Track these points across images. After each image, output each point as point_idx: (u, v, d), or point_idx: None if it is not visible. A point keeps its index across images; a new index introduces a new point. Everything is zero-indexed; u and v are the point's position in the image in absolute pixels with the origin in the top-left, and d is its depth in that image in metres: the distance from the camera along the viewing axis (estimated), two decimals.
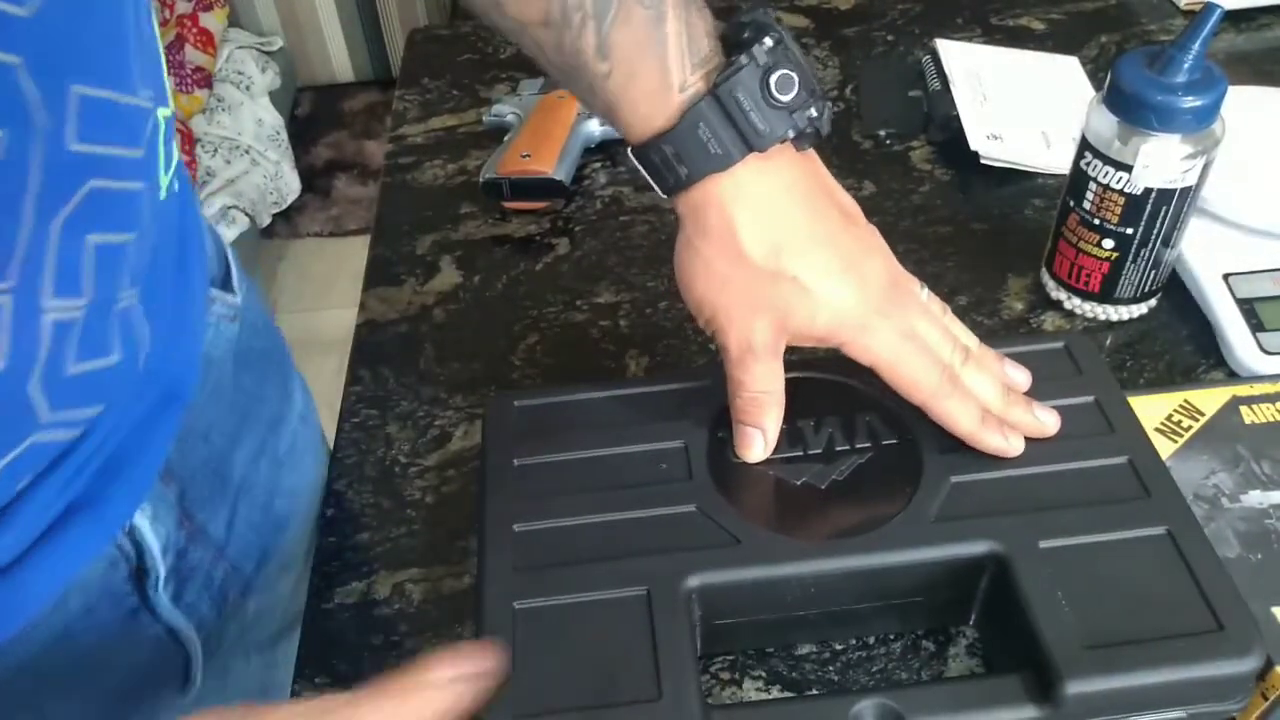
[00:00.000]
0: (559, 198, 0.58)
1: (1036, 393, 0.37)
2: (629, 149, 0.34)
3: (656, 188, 0.34)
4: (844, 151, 0.60)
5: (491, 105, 0.63)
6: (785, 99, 0.32)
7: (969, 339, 0.37)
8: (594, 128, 0.61)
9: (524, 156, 0.57)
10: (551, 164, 0.57)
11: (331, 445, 0.47)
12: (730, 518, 0.34)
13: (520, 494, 0.35)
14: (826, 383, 0.39)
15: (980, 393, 0.35)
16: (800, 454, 0.36)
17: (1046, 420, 0.36)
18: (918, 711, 0.30)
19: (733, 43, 0.33)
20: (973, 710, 0.31)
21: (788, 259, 0.33)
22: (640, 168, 0.34)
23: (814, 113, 0.33)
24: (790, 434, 0.37)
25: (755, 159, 0.32)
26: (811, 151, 0.35)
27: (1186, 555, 0.32)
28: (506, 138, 0.60)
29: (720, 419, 0.37)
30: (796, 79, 0.32)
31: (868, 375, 0.36)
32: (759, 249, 0.33)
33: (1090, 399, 0.37)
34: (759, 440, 0.35)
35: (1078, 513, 0.34)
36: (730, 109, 0.32)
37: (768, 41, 0.32)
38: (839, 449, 0.36)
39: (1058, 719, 0.30)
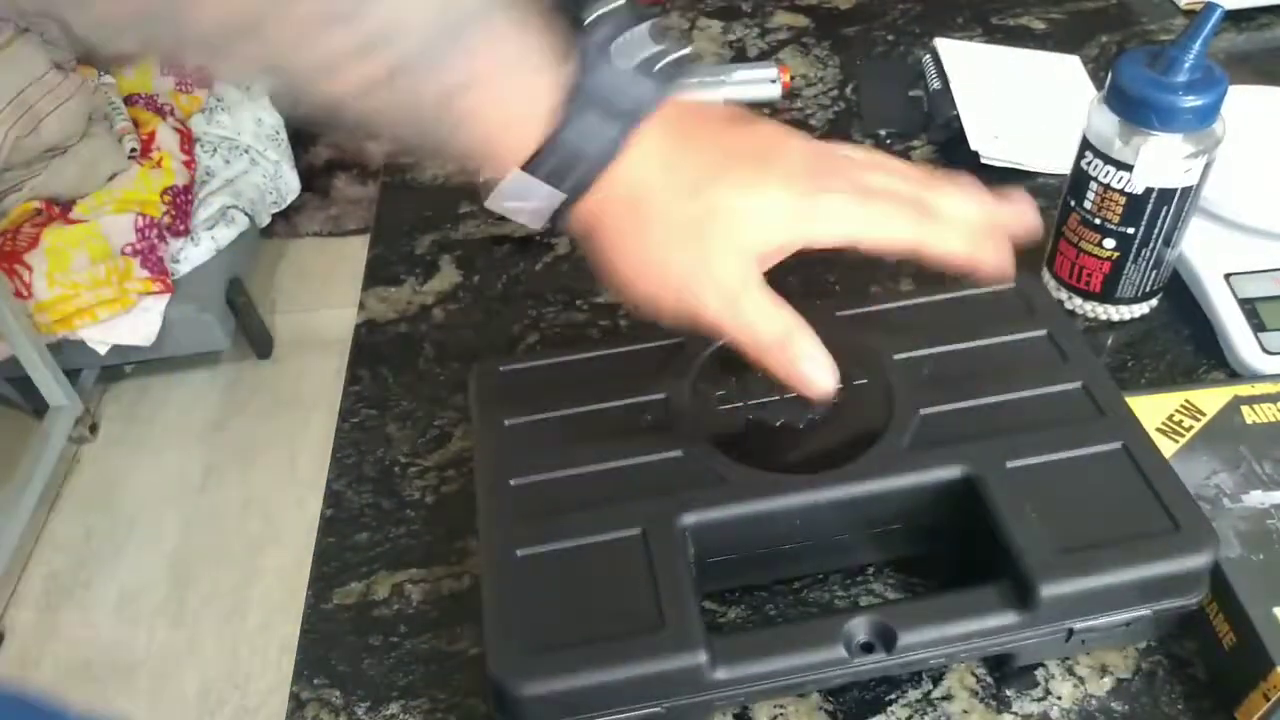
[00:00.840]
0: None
1: (997, 331, 0.40)
2: (495, 188, 0.31)
3: (545, 216, 0.31)
4: None
5: None
6: (646, 55, 0.30)
7: (914, 169, 0.35)
8: None
9: None
10: (688, 55, 0.57)
11: (331, 445, 0.47)
12: (715, 460, 0.36)
13: (512, 451, 0.37)
14: None
15: (957, 211, 0.33)
16: (777, 397, 0.38)
17: (1023, 205, 0.34)
18: (906, 625, 0.33)
19: (566, 22, 0.30)
20: (958, 620, 0.33)
21: (709, 192, 0.31)
22: (513, 202, 0.31)
23: (674, 54, 0.31)
24: (765, 380, 0.38)
25: (644, 127, 0.30)
26: None
27: (1141, 465, 0.35)
28: None
29: (700, 372, 0.39)
30: (647, 32, 0.30)
31: (841, 318, 0.40)
32: (679, 202, 0.31)
33: (1044, 333, 0.40)
34: (814, 366, 0.32)
35: (1040, 434, 0.36)
36: (602, 95, 0.29)
37: (602, 7, 0.30)
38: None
39: (1035, 621, 0.33)
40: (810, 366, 0.32)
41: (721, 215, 0.31)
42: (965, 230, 0.33)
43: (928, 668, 0.36)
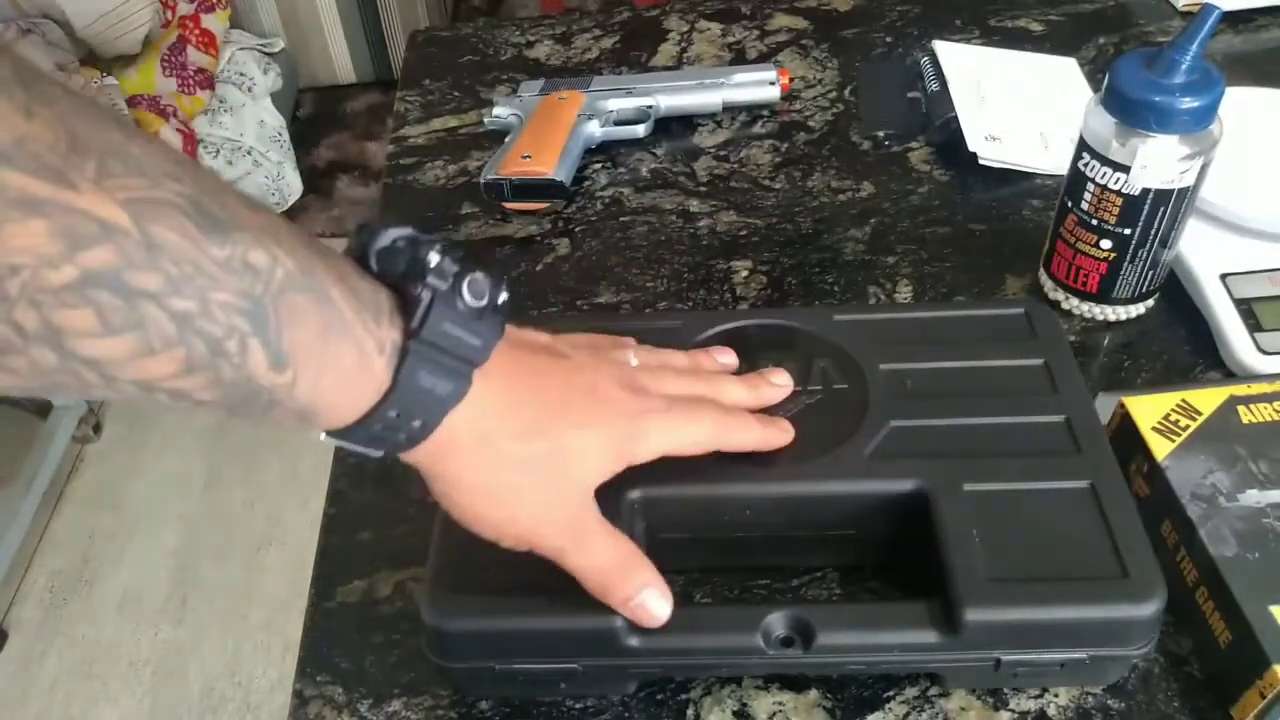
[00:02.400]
0: (560, 198, 0.58)
1: (992, 354, 0.40)
2: (326, 434, 0.29)
3: (374, 453, 0.30)
4: (843, 153, 0.60)
5: (492, 106, 0.64)
6: (483, 301, 0.29)
7: (683, 360, 0.38)
8: (594, 129, 0.61)
9: (525, 157, 0.58)
10: (552, 165, 0.57)
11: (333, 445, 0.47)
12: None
13: None
14: (788, 329, 0.41)
15: (738, 399, 0.37)
16: None
17: (777, 380, 0.38)
18: (827, 625, 0.33)
19: (388, 273, 0.29)
20: (878, 630, 0.33)
21: (550, 432, 0.32)
22: (353, 446, 0.29)
23: (504, 292, 0.30)
24: (747, 373, 0.39)
25: (480, 370, 0.30)
26: None
27: (1105, 508, 0.34)
28: (507, 139, 0.60)
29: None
30: (480, 275, 0.29)
31: (838, 321, 0.40)
32: (522, 443, 0.31)
33: (1040, 362, 0.39)
34: (655, 598, 0.33)
35: (1007, 462, 0.36)
36: (443, 343, 0.29)
37: (433, 257, 0.28)
38: (793, 389, 0.39)
39: (958, 645, 0.33)
40: (650, 596, 0.33)
41: (562, 453, 0.32)
42: (753, 421, 0.37)
43: (847, 672, 0.36)
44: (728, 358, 0.40)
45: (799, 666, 0.34)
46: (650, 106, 0.62)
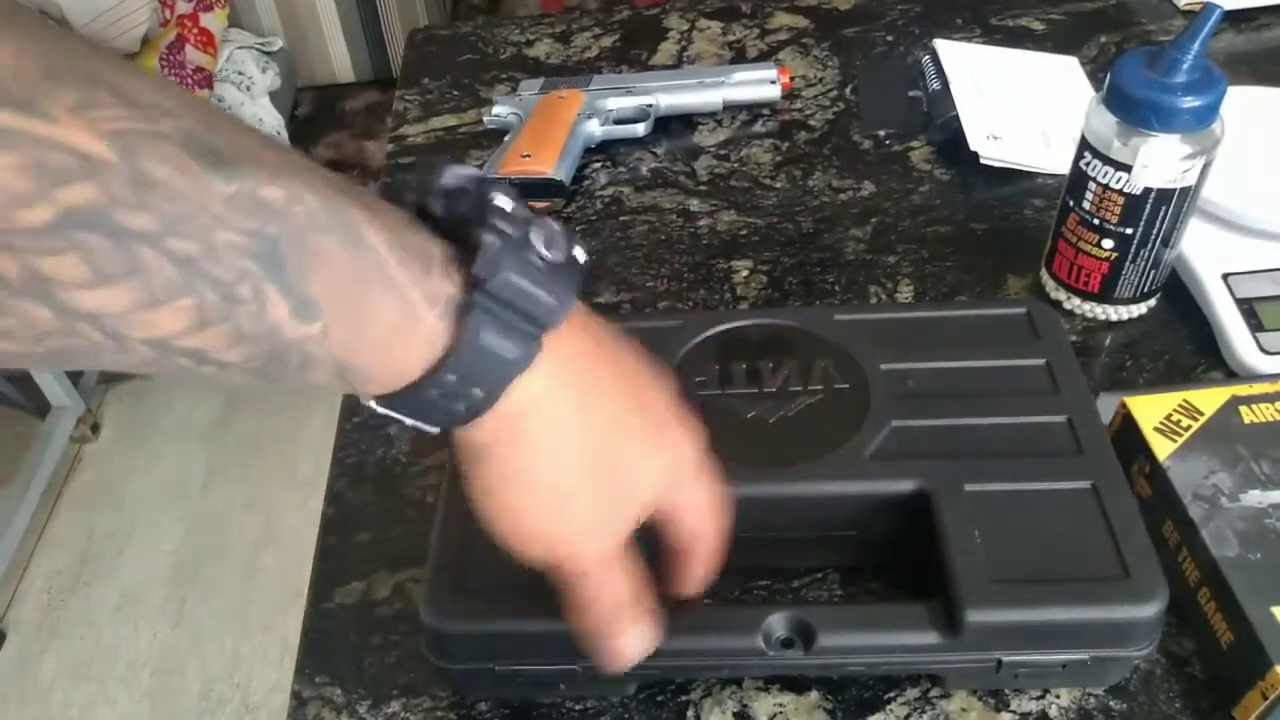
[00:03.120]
0: (559, 198, 0.58)
1: (994, 354, 0.40)
2: (377, 402, 0.26)
3: (432, 428, 0.26)
4: (844, 151, 0.60)
5: (492, 105, 0.64)
6: (560, 255, 0.25)
7: None
8: (594, 128, 0.61)
9: (524, 157, 0.57)
10: (552, 164, 0.57)
11: (332, 445, 0.47)
12: None
13: None
14: (788, 329, 0.41)
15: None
16: (755, 391, 0.39)
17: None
18: (828, 627, 0.33)
19: (449, 217, 0.26)
20: (880, 631, 0.33)
21: (620, 445, 0.28)
22: (404, 417, 0.26)
23: (581, 252, 0.26)
24: (748, 373, 0.39)
25: (551, 336, 0.26)
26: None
27: (1107, 509, 0.34)
28: (507, 138, 0.60)
29: (686, 355, 0.40)
30: (555, 225, 0.26)
31: (839, 321, 0.40)
32: (597, 444, 0.27)
33: (1042, 362, 0.39)
34: (636, 635, 0.30)
35: (1008, 462, 0.36)
36: (509, 297, 0.25)
37: (504, 200, 0.25)
38: (793, 389, 0.39)
39: (960, 646, 0.33)
40: (633, 634, 0.30)
41: (625, 468, 0.28)
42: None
43: (848, 673, 0.36)
44: None
45: (799, 668, 0.34)
46: (650, 105, 0.62)
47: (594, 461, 0.28)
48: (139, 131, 0.20)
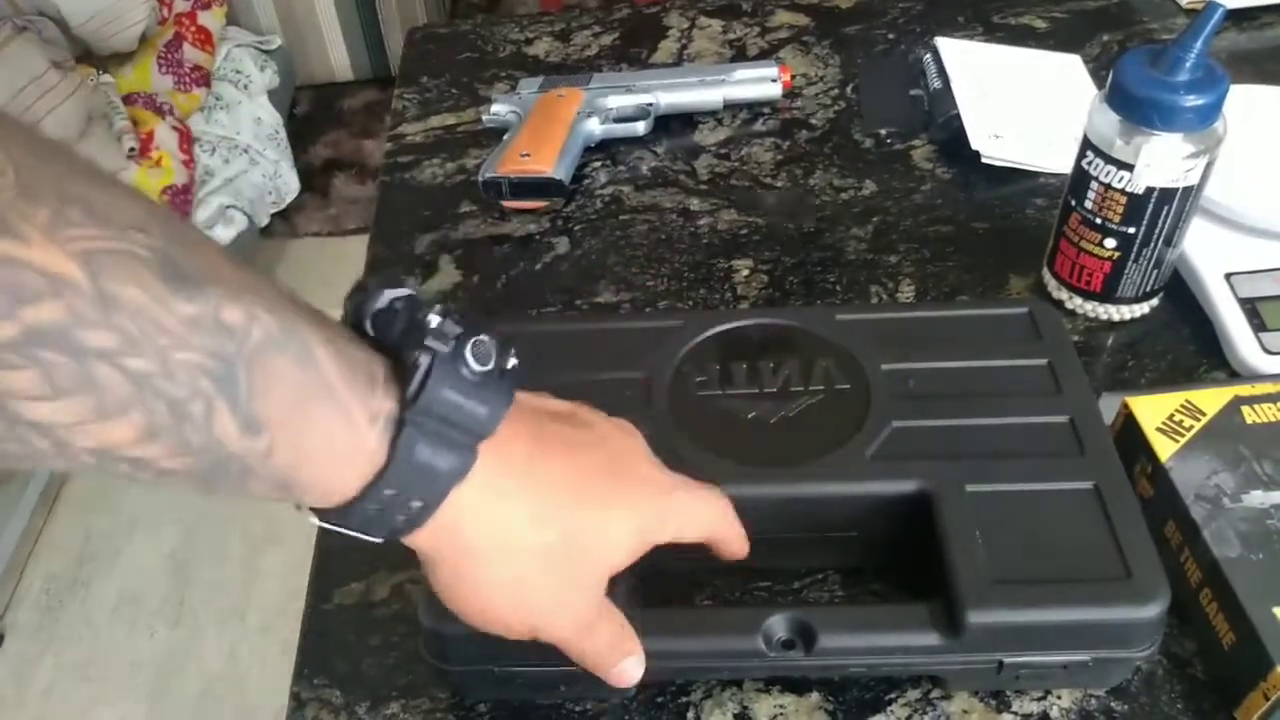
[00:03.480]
0: (559, 197, 0.58)
1: (996, 354, 0.39)
2: (323, 522, 0.27)
3: (372, 538, 0.27)
4: (845, 151, 0.60)
5: (491, 104, 0.63)
6: (489, 366, 0.26)
7: None
8: (594, 127, 0.61)
9: (523, 156, 0.57)
10: (551, 163, 0.57)
11: None
12: (680, 442, 0.36)
13: None
14: (790, 329, 0.41)
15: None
16: (756, 391, 0.39)
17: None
18: (828, 628, 0.33)
19: (384, 337, 0.27)
20: (881, 632, 0.33)
21: (565, 520, 0.29)
22: (348, 531, 0.27)
23: (513, 358, 0.27)
24: (749, 373, 0.39)
25: (487, 443, 0.27)
26: None
27: (1109, 509, 0.34)
28: (506, 137, 0.60)
29: (686, 356, 0.40)
30: (486, 337, 0.27)
31: (840, 321, 0.40)
32: (533, 532, 0.29)
33: (1044, 362, 0.39)
34: (634, 665, 0.32)
35: (1010, 463, 0.36)
36: (443, 412, 0.26)
37: (433, 318, 0.26)
38: (794, 389, 0.39)
39: (961, 647, 0.32)
40: (630, 664, 0.32)
41: (580, 538, 0.29)
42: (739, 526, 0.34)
43: (849, 674, 0.35)
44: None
45: (800, 669, 0.34)
46: (650, 104, 0.62)
47: (545, 546, 0.29)
48: (106, 250, 0.21)
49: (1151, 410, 0.39)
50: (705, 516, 0.33)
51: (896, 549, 0.37)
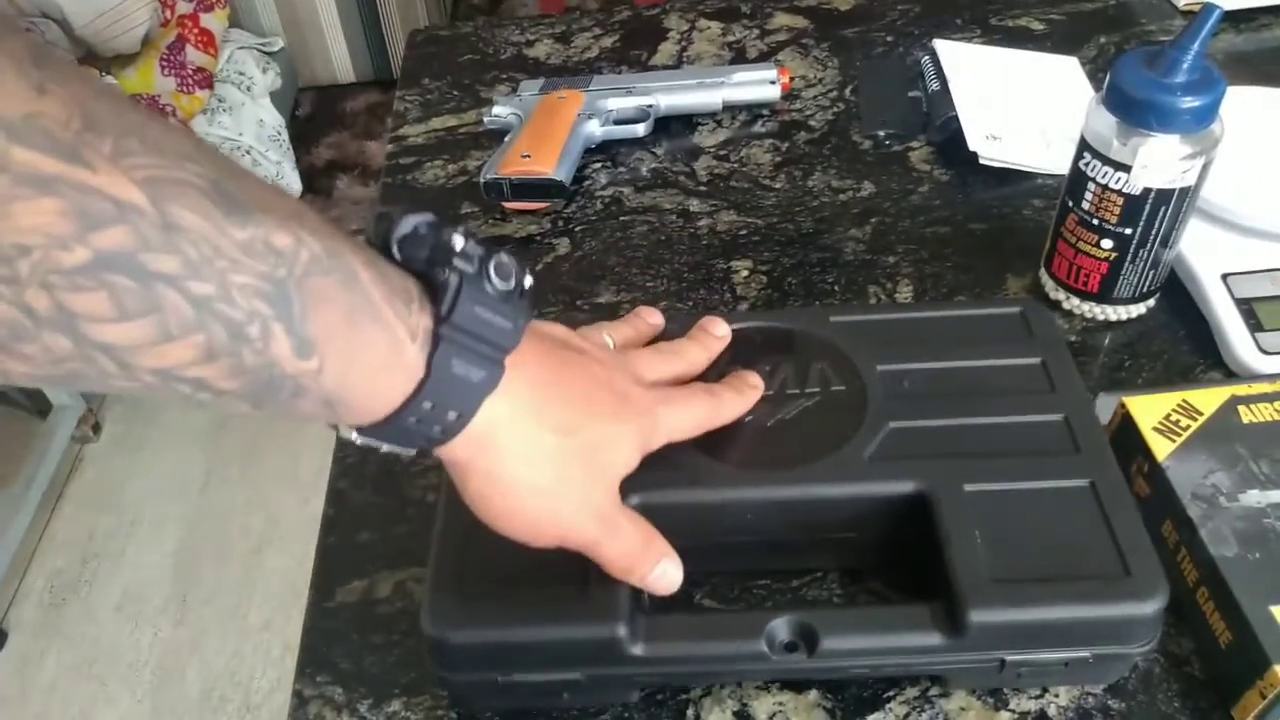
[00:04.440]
0: (559, 198, 0.58)
1: (989, 353, 0.40)
2: (358, 432, 0.28)
3: (408, 451, 0.29)
4: (843, 152, 0.60)
5: (492, 105, 0.64)
6: (511, 284, 0.29)
7: (625, 328, 0.40)
8: (594, 128, 0.61)
9: (524, 157, 0.58)
10: (552, 164, 0.57)
11: (333, 444, 0.47)
12: (676, 446, 0.36)
13: None
14: (785, 331, 0.41)
15: (701, 363, 0.39)
16: None
17: (718, 332, 0.40)
18: (831, 630, 0.33)
19: (412, 259, 0.28)
20: (883, 633, 0.33)
21: (582, 430, 0.32)
22: (386, 445, 0.29)
23: (529, 276, 0.30)
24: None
25: (510, 357, 0.29)
26: None
27: (1105, 506, 0.34)
28: (507, 138, 0.60)
29: None
30: (505, 257, 0.29)
31: (835, 323, 0.41)
32: (563, 437, 0.31)
33: (1037, 360, 0.39)
34: (672, 569, 0.34)
35: (1006, 461, 0.36)
36: (473, 327, 0.28)
37: (458, 240, 0.28)
38: (789, 392, 0.39)
39: (964, 647, 0.33)
40: (667, 567, 0.34)
41: (596, 447, 0.32)
42: (730, 391, 0.38)
43: (851, 676, 0.36)
44: (656, 318, 0.41)
45: (803, 672, 0.34)
46: (650, 106, 0.62)
47: (566, 455, 0.31)
48: (168, 179, 0.22)
49: (1148, 410, 0.39)
50: (691, 420, 0.36)
51: (895, 549, 0.37)
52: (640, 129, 0.61)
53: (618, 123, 0.62)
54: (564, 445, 0.31)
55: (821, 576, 0.39)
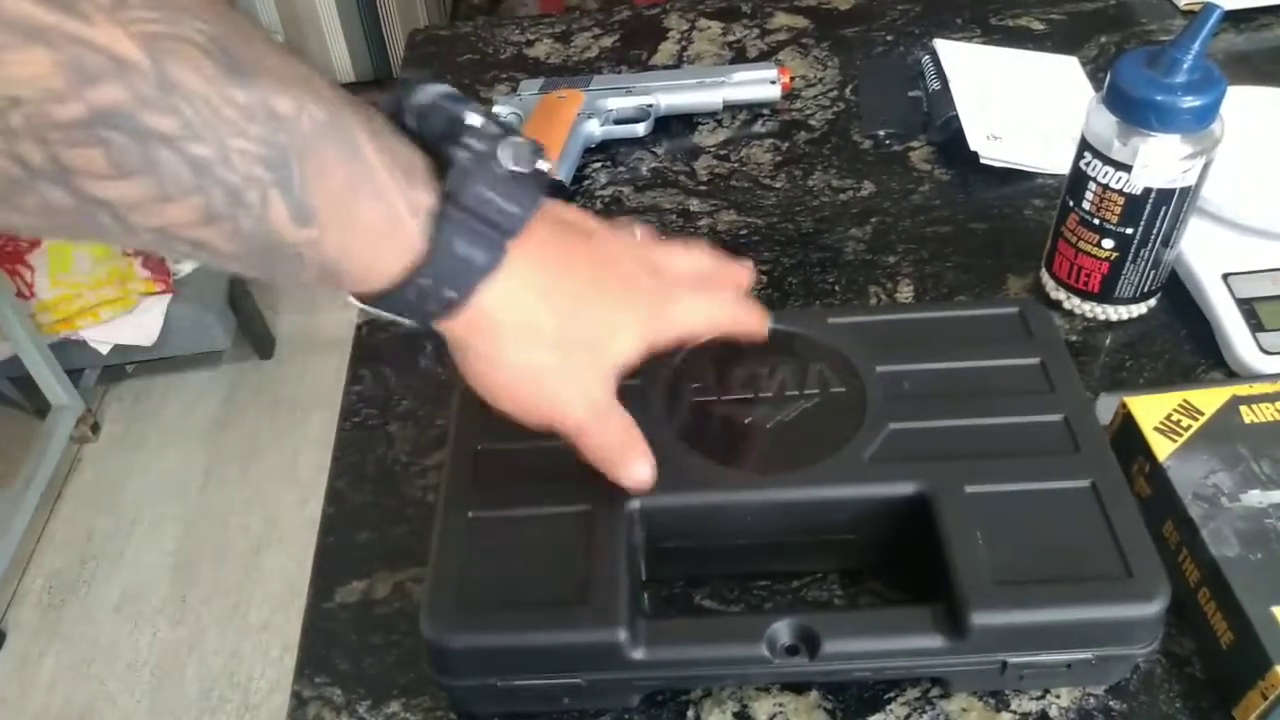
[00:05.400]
0: (559, 198, 0.58)
1: (989, 354, 0.40)
2: (361, 303, 0.28)
3: (410, 322, 0.29)
4: (844, 151, 0.60)
5: (492, 105, 0.64)
6: (525, 167, 0.28)
7: (679, 248, 0.37)
8: (594, 128, 0.61)
9: None
10: (552, 164, 0.57)
11: (332, 444, 0.47)
12: (677, 449, 0.37)
13: (484, 418, 0.37)
14: (784, 333, 0.41)
15: (738, 278, 0.38)
16: (751, 396, 0.39)
17: (745, 262, 0.39)
18: (832, 633, 0.33)
19: (425, 131, 0.28)
20: (884, 636, 0.33)
21: (587, 315, 0.31)
22: (385, 314, 0.29)
23: (544, 163, 0.29)
24: (744, 378, 0.39)
25: (516, 240, 0.29)
26: None
27: (1106, 507, 0.34)
28: None
29: (682, 362, 0.40)
30: (521, 139, 0.28)
31: (834, 324, 0.41)
32: (560, 323, 0.30)
33: (1036, 360, 0.39)
34: (645, 470, 0.34)
35: (1007, 462, 0.36)
36: (478, 208, 0.27)
37: (474, 117, 0.28)
38: (789, 394, 0.39)
39: (966, 649, 0.32)
40: (636, 466, 0.34)
41: (599, 336, 0.32)
42: (755, 303, 0.37)
43: (853, 679, 0.35)
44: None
45: (805, 675, 0.34)
46: (650, 105, 0.62)
47: (565, 337, 0.31)
48: (167, 35, 0.21)
49: (1149, 410, 0.39)
50: (705, 316, 0.35)
51: (896, 551, 0.37)
52: (640, 129, 0.61)
53: (618, 122, 0.62)
54: (565, 329, 0.31)
55: (822, 578, 0.39)
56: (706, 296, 0.35)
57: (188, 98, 0.21)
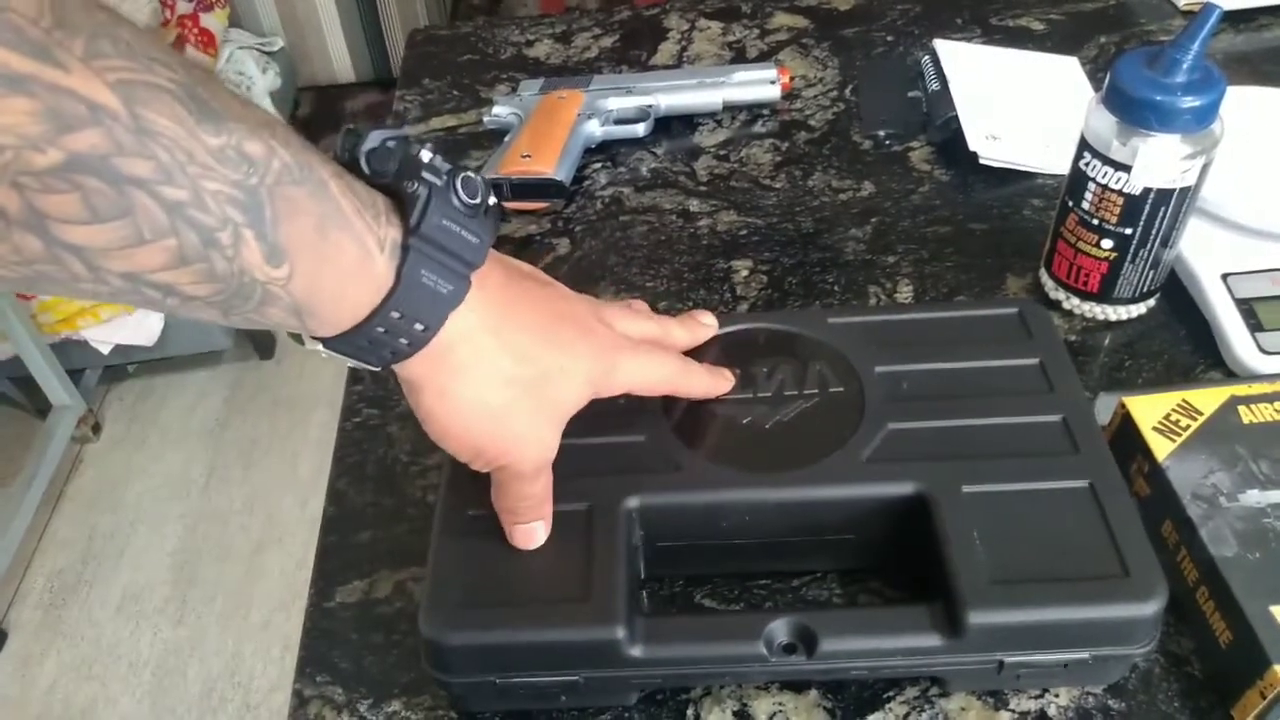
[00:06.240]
0: (559, 198, 0.58)
1: (988, 354, 0.40)
2: (324, 344, 0.29)
3: (374, 366, 0.30)
4: (843, 152, 0.60)
5: (492, 105, 0.64)
6: (477, 200, 0.29)
7: (628, 311, 0.38)
8: (594, 128, 0.61)
9: (524, 157, 0.58)
10: (552, 164, 0.57)
11: (333, 444, 0.47)
12: (675, 448, 0.37)
13: None
14: (783, 333, 0.41)
15: (682, 342, 0.39)
16: (750, 396, 0.39)
17: (706, 320, 0.40)
18: (830, 631, 0.33)
19: (381, 172, 0.29)
20: (882, 635, 0.33)
21: (539, 358, 0.32)
22: (347, 357, 0.29)
23: (493, 196, 0.30)
24: (743, 378, 0.40)
25: (476, 274, 0.30)
26: None
27: (1105, 507, 0.34)
28: (507, 138, 0.60)
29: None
30: (472, 174, 0.30)
31: (833, 324, 0.41)
32: (519, 363, 0.31)
33: (1035, 361, 0.39)
34: (540, 533, 0.35)
35: (1005, 462, 0.36)
36: (442, 239, 0.28)
37: (425, 154, 0.29)
38: (788, 394, 0.39)
39: (963, 648, 0.33)
40: (541, 527, 0.35)
41: (548, 378, 0.32)
42: (703, 370, 0.38)
43: (850, 678, 0.36)
44: (708, 319, 0.41)
45: (803, 674, 0.34)
46: (650, 106, 0.62)
47: (519, 379, 0.31)
48: (141, 82, 0.22)
49: (1148, 410, 0.39)
50: (651, 375, 0.36)
51: (894, 550, 0.37)
52: (640, 129, 0.61)
53: (618, 122, 0.62)
54: (518, 372, 0.31)
55: (820, 577, 0.39)
56: (650, 357, 0.36)
57: (162, 142, 0.22)
